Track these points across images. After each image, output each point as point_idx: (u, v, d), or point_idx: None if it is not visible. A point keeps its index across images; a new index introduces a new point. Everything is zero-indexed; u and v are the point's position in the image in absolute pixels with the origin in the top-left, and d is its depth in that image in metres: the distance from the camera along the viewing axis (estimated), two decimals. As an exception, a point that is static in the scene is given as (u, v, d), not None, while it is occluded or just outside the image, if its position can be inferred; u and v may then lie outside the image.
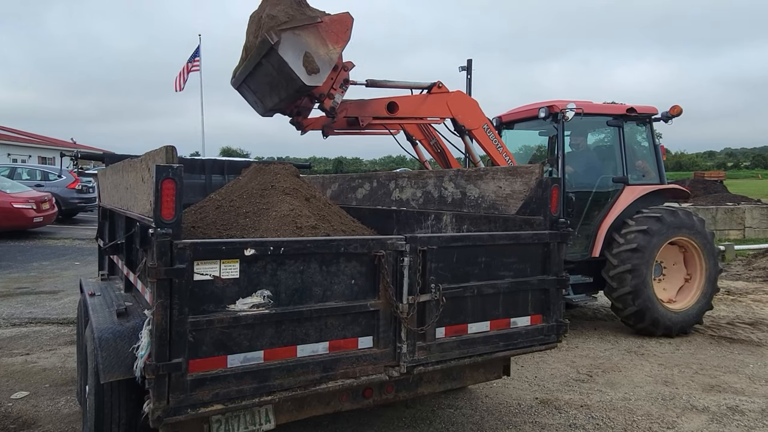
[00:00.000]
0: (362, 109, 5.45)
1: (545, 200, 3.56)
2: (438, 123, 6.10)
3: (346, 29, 4.72)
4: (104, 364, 2.73)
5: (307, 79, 4.64)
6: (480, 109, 6.09)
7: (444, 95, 5.90)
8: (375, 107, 5.51)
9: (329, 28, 4.68)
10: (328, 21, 4.67)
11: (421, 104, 5.82)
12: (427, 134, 6.44)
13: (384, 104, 5.55)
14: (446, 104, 5.89)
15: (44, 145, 35.17)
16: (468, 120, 5.99)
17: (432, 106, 5.84)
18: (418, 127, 6.37)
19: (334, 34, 4.70)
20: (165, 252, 2.35)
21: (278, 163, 4.60)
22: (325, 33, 4.68)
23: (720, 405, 4.58)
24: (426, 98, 5.83)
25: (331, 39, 4.69)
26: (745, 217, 15.78)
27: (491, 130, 6.17)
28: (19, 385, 4.77)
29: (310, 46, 4.61)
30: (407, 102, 5.74)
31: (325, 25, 4.64)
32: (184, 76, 23.14)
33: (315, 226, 3.84)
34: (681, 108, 7.01)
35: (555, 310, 3.52)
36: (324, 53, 4.67)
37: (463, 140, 6.15)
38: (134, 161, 3.35)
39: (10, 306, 7.46)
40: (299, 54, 4.59)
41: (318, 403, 3.01)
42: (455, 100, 5.97)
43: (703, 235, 6.75)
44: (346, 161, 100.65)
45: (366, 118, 5.47)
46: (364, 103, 5.49)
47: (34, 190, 14.64)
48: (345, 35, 4.74)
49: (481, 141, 6.10)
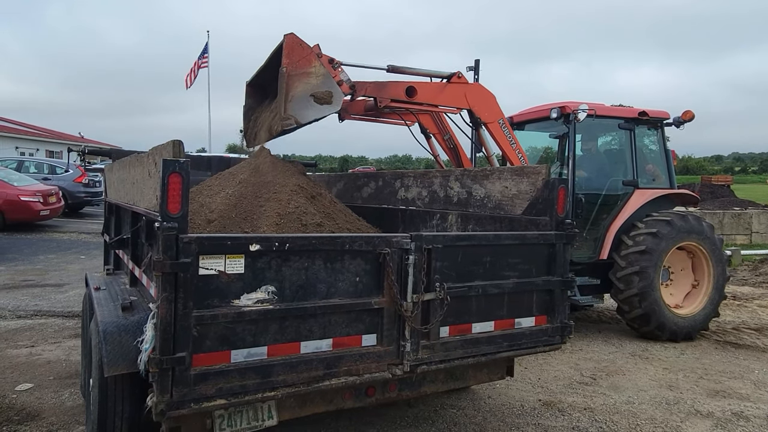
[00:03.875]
0: (381, 90, 5.44)
1: (552, 201, 3.55)
2: (454, 113, 6.07)
3: (299, 45, 4.66)
4: (108, 357, 2.74)
5: (335, 107, 4.72)
6: (497, 104, 6.06)
7: (463, 86, 5.87)
8: (394, 90, 5.50)
9: (294, 62, 4.59)
10: (287, 61, 4.57)
11: (439, 92, 5.79)
12: (442, 129, 6.43)
13: (403, 88, 5.53)
14: (464, 95, 5.86)
15: (52, 139, 35.36)
16: (484, 113, 5.96)
17: (450, 96, 5.82)
18: (432, 121, 6.36)
19: (303, 59, 4.63)
20: (171, 246, 2.35)
21: (285, 161, 4.61)
22: (297, 68, 4.61)
23: (725, 410, 4.55)
24: (445, 87, 5.81)
25: (304, 65, 4.65)
26: (752, 222, 15.67)
27: (506, 126, 6.14)
28: (23, 377, 4.79)
29: (306, 89, 4.60)
30: (426, 88, 5.71)
31: (291, 65, 4.55)
32: (194, 73, 23.23)
33: (320, 224, 3.84)
34: (693, 113, 6.97)
35: (560, 311, 3.51)
36: (316, 80, 4.65)
37: (478, 133, 6.12)
38: (141, 156, 3.36)
39: (16, 298, 7.51)
40: (311, 103, 4.59)
41: (321, 401, 3.01)
42: (473, 92, 5.94)
43: (712, 241, 6.71)
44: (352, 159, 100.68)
45: (384, 99, 5.45)
46: (383, 84, 5.49)
47: (41, 184, 14.71)
48: (304, 49, 4.67)
49: (495, 135, 6.07)
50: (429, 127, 6.37)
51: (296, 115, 4.51)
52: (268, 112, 4.97)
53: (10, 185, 13.17)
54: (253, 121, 5.24)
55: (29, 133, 33.41)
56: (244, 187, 4.11)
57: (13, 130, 31.54)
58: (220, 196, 4.12)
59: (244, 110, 5.38)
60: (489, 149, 6.23)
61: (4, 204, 12.90)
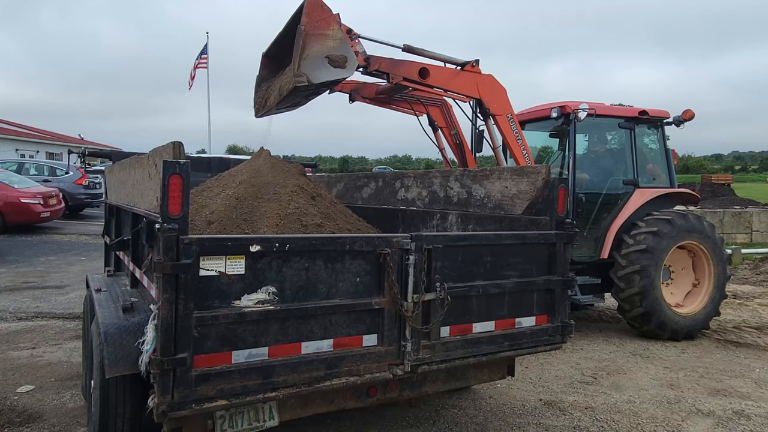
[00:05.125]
0: (395, 66, 5.45)
1: (552, 200, 3.55)
2: (464, 101, 6.08)
3: (320, 6, 4.63)
4: (109, 358, 2.74)
5: (349, 72, 4.69)
6: (507, 98, 6.08)
7: (475, 75, 5.88)
8: (408, 68, 5.51)
9: (313, 22, 4.56)
10: (306, 20, 4.56)
11: (452, 78, 5.80)
12: (450, 123, 6.44)
13: (417, 68, 5.54)
14: (476, 84, 5.87)
15: (52, 141, 35.33)
16: (494, 105, 5.98)
17: (462, 83, 5.83)
18: (441, 114, 6.37)
19: (322, 21, 4.61)
20: (171, 247, 2.35)
21: (285, 162, 4.61)
22: (315, 28, 4.60)
23: (726, 409, 4.55)
24: (458, 73, 5.81)
25: (323, 26, 4.63)
26: (753, 221, 15.67)
27: (514, 121, 6.15)
28: (24, 379, 4.79)
29: (322, 50, 4.58)
30: (439, 72, 5.72)
31: (310, 24, 4.53)
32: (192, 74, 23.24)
33: (320, 225, 3.84)
34: (693, 112, 6.98)
35: (560, 310, 3.51)
36: (333, 42, 4.64)
37: (486, 124, 6.13)
38: (141, 157, 3.36)
39: (17, 300, 7.51)
40: (325, 64, 4.58)
41: (322, 401, 3.01)
42: (485, 82, 5.95)
43: (712, 240, 6.71)
44: (352, 160, 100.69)
45: (396, 76, 5.46)
46: (397, 61, 5.50)
47: (41, 186, 14.71)
48: (325, 11, 4.65)
49: (502, 129, 6.08)
50: (437, 120, 6.39)
51: (309, 74, 4.48)
52: (281, 75, 4.94)
53: (10, 187, 13.18)
54: (264, 90, 5.22)
55: (29, 135, 33.40)
56: (245, 188, 4.12)
57: (13, 132, 31.54)
58: (220, 197, 4.12)
59: (257, 81, 5.37)
60: (495, 141, 6.24)
61: (4, 206, 12.90)
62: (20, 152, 29.79)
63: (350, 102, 6.12)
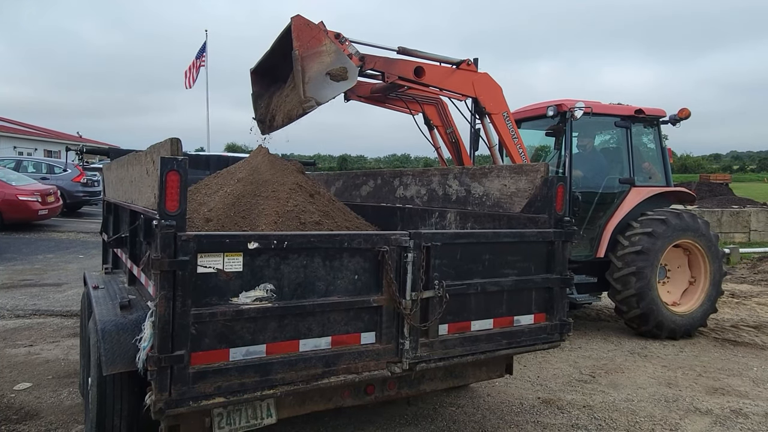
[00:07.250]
0: (390, 66, 5.44)
1: (550, 199, 3.55)
2: (459, 99, 6.08)
3: (307, 25, 4.64)
4: (107, 356, 2.73)
5: (352, 82, 4.73)
6: (503, 96, 6.07)
7: (471, 73, 5.87)
8: (403, 67, 5.51)
9: (305, 44, 4.56)
10: (298, 44, 4.54)
11: (447, 77, 5.79)
12: (445, 122, 6.43)
13: (412, 67, 5.54)
14: (471, 83, 5.86)
15: (50, 139, 35.28)
16: (490, 103, 5.97)
17: (457, 81, 5.82)
18: (437, 112, 6.36)
19: (313, 39, 4.62)
20: (169, 244, 2.35)
21: (283, 160, 4.60)
22: (309, 49, 4.58)
23: (723, 408, 4.55)
24: (453, 72, 5.80)
25: (315, 44, 4.64)
26: (751, 220, 15.70)
27: (510, 120, 6.14)
28: (22, 377, 4.78)
29: (321, 68, 4.59)
30: (434, 71, 5.71)
31: (302, 47, 4.53)
32: (193, 73, 23.17)
33: (318, 222, 3.84)
34: (689, 111, 6.98)
35: (559, 308, 3.51)
36: (329, 57, 4.64)
37: (482, 122, 6.13)
38: (139, 154, 3.35)
39: (14, 297, 7.49)
40: (327, 81, 4.58)
41: (320, 399, 3.01)
42: (481, 81, 5.94)
43: (707, 237, 6.72)
44: (351, 159, 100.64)
45: (392, 75, 5.45)
46: (392, 60, 5.49)
47: (39, 183, 14.68)
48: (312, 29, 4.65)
49: (498, 127, 6.08)
50: (433, 119, 6.38)
51: (315, 96, 4.50)
52: (282, 96, 4.94)
53: (8, 185, 13.15)
54: (265, 107, 5.22)
55: (27, 133, 33.35)
56: (243, 186, 4.11)
57: (11, 129, 31.48)
58: (218, 195, 4.11)
59: (253, 98, 5.37)
60: (491, 140, 6.24)
61: (2, 203, 12.88)
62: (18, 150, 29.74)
63: (345, 101, 6.08)
